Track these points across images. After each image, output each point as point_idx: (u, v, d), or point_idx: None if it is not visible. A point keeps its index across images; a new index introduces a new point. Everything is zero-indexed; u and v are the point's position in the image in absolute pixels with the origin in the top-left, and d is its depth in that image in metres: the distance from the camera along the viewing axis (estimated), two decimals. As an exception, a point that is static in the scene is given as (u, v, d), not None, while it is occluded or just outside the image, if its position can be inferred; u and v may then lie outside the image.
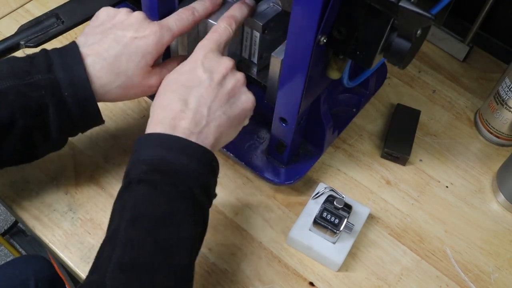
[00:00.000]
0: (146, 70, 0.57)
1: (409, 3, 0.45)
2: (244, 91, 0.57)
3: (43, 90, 0.53)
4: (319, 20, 0.48)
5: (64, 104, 0.54)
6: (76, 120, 0.56)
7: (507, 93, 0.71)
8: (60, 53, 0.55)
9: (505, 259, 0.67)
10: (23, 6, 0.84)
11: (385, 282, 0.64)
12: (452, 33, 0.85)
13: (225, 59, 0.56)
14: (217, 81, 0.55)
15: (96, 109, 0.56)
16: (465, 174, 0.74)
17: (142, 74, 0.57)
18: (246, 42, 0.64)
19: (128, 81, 0.57)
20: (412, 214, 0.69)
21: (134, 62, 0.56)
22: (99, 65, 0.55)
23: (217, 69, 0.55)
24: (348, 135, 0.75)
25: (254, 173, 0.69)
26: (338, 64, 0.56)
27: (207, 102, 0.54)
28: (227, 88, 0.55)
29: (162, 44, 0.57)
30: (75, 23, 0.70)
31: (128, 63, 0.56)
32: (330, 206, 0.62)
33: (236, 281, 0.62)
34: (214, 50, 0.56)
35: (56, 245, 0.63)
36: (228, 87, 0.55)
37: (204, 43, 0.57)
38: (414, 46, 0.50)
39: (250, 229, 0.66)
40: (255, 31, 0.61)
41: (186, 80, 0.55)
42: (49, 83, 0.53)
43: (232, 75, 0.56)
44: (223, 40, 0.58)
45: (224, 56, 0.57)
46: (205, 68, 0.55)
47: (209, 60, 0.56)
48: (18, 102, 0.53)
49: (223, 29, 0.58)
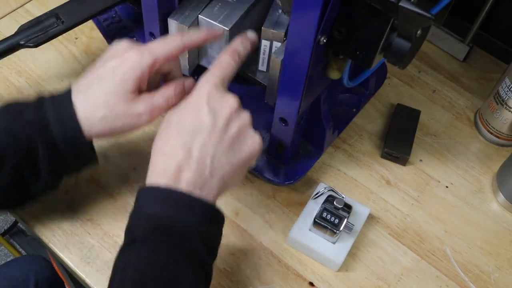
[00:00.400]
0: (128, 97, 0.54)
1: (409, 3, 0.45)
2: (250, 133, 0.54)
3: (32, 128, 0.53)
4: (319, 20, 0.49)
5: (52, 142, 0.53)
6: (66, 158, 0.54)
7: (507, 93, 0.71)
8: (52, 94, 0.55)
9: (505, 259, 0.67)
10: (23, 6, 0.84)
11: (385, 282, 0.64)
12: (452, 33, 0.85)
13: (230, 98, 0.54)
14: (221, 125, 0.52)
15: (85, 144, 0.55)
16: (465, 174, 0.74)
17: (124, 102, 0.54)
18: (264, 55, 0.63)
19: (110, 111, 0.54)
20: (412, 214, 0.69)
21: (113, 90, 0.54)
22: (82, 100, 0.54)
23: (221, 111, 0.52)
24: (348, 135, 0.75)
25: (254, 173, 0.69)
26: (338, 64, 0.56)
27: (211, 151, 0.51)
28: (232, 132, 0.52)
29: (141, 69, 0.54)
30: (75, 23, 0.70)
31: (107, 93, 0.53)
32: (330, 206, 0.62)
33: (236, 281, 0.62)
34: (219, 86, 0.54)
35: (56, 245, 0.63)
36: (233, 131, 0.52)
37: (208, 79, 0.54)
38: (414, 46, 0.50)
39: (250, 229, 0.66)
40: (275, 42, 0.61)
41: (190, 124, 0.52)
42: (38, 121, 0.53)
43: (237, 116, 0.53)
44: (227, 75, 0.55)
45: (229, 94, 0.54)
46: (209, 109, 0.52)
47: (213, 100, 0.53)
48: (8, 141, 0.52)
49: (227, 63, 0.55)
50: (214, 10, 0.64)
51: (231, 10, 0.64)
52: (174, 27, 0.64)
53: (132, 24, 0.81)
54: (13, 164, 0.53)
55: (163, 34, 0.67)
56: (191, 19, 0.63)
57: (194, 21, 0.64)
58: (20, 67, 0.77)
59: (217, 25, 0.63)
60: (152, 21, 0.66)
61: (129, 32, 0.80)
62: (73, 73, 0.77)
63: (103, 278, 0.61)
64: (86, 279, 0.61)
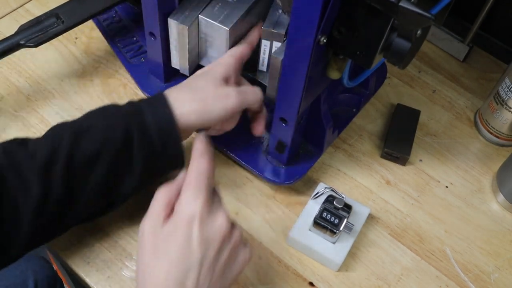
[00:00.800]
0: (217, 83, 0.60)
1: (409, 3, 0.45)
2: (241, 249, 0.51)
3: (129, 118, 0.55)
4: (319, 20, 0.48)
5: (148, 132, 0.54)
6: (159, 152, 0.55)
7: (507, 93, 0.71)
8: (146, 99, 0.58)
9: (505, 259, 0.67)
10: (23, 6, 0.84)
11: (385, 282, 0.64)
12: (452, 33, 0.85)
13: (221, 220, 0.49)
14: (213, 255, 0.48)
15: (177, 137, 0.56)
16: (465, 174, 0.74)
17: (213, 85, 0.59)
18: (264, 55, 0.63)
19: (201, 91, 0.59)
20: (412, 214, 0.69)
21: (204, 79, 0.60)
22: (175, 93, 0.58)
23: (214, 238, 0.49)
24: (348, 135, 0.75)
25: (254, 173, 0.69)
26: (338, 64, 0.56)
27: (205, 284, 0.48)
28: (224, 259, 0.49)
29: (228, 64, 0.62)
30: (75, 23, 0.70)
31: (198, 82, 0.60)
32: (330, 206, 0.62)
33: (236, 281, 0.62)
34: (209, 204, 0.49)
35: (56, 244, 0.63)
36: (225, 257, 0.49)
37: (192, 181, 0.50)
38: (414, 46, 0.50)
39: (250, 229, 0.66)
40: (275, 42, 0.61)
41: (180, 255, 0.48)
42: (134, 112, 0.55)
43: (229, 240, 0.50)
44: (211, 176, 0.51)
45: (220, 212, 0.50)
46: (200, 239, 0.48)
47: (204, 226, 0.48)
48: (106, 133, 0.53)
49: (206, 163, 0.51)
50: (214, 10, 0.64)
51: (231, 10, 0.64)
52: (174, 27, 0.64)
53: (132, 24, 0.81)
54: (110, 156, 0.53)
55: (163, 34, 0.67)
56: (191, 19, 0.63)
57: (194, 21, 0.64)
58: (20, 67, 0.77)
59: (217, 25, 0.63)
60: (152, 21, 0.66)
61: (129, 32, 0.80)
62: (73, 73, 0.77)
63: (103, 278, 0.61)
64: (86, 279, 0.61)
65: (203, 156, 0.51)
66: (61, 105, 0.74)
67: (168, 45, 0.68)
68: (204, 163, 0.51)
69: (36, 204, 0.51)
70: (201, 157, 0.51)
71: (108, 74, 0.77)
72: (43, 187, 0.51)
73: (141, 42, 0.79)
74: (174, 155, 0.57)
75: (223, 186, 0.69)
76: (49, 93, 0.75)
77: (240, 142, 0.70)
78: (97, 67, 0.78)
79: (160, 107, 0.56)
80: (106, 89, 0.76)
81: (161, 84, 0.74)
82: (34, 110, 0.73)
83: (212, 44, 0.66)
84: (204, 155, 0.51)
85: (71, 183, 0.53)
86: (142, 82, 0.74)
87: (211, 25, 0.63)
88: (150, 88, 0.74)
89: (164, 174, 0.59)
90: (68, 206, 0.54)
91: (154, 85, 0.74)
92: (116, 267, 0.62)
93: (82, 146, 0.53)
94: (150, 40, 0.69)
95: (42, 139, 0.54)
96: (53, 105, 0.74)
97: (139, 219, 0.65)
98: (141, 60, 0.77)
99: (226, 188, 0.69)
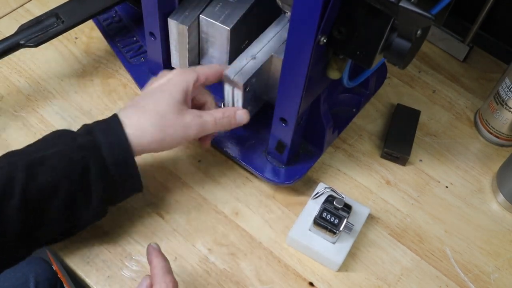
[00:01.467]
0: (177, 107, 0.58)
1: (409, 3, 0.45)
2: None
3: (86, 151, 0.54)
4: (319, 20, 0.48)
5: (104, 164, 0.54)
6: (116, 180, 0.56)
7: (507, 93, 0.71)
8: (98, 122, 0.57)
9: (505, 259, 0.67)
10: (23, 6, 0.84)
11: (385, 282, 0.64)
12: (452, 33, 0.85)
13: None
14: None
15: (133, 162, 0.56)
16: (465, 174, 0.74)
17: (173, 110, 0.57)
18: (228, 98, 0.63)
19: (161, 118, 0.57)
20: (412, 214, 0.69)
21: (163, 101, 0.58)
22: (131, 114, 0.57)
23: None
24: (348, 135, 0.75)
25: (254, 173, 0.69)
26: (338, 64, 0.56)
27: None
28: None
29: (187, 82, 0.59)
30: (75, 23, 0.70)
31: (157, 103, 0.58)
32: (330, 206, 0.62)
33: (235, 281, 0.62)
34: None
35: (56, 244, 0.62)
36: None
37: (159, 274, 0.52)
38: (414, 46, 0.50)
39: (250, 229, 0.66)
40: (236, 89, 0.61)
41: None
42: (90, 144, 0.54)
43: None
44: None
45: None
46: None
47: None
48: (62, 165, 0.53)
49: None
50: (215, 9, 0.64)
51: (232, 10, 0.64)
52: (174, 27, 0.64)
53: (132, 24, 0.81)
54: (67, 188, 0.53)
55: (163, 34, 0.67)
56: (191, 19, 0.63)
57: (194, 21, 0.64)
58: (20, 66, 0.77)
59: (218, 25, 0.63)
60: (152, 21, 0.66)
61: (129, 32, 0.80)
62: (73, 73, 0.77)
63: (103, 278, 0.61)
64: (86, 279, 0.61)
65: (158, 256, 0.54)
66: (61, 105, 0.74)
67: (168, 45, 0.68)
68: (163, 261, 0.53)
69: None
70: (157, 257, 0.54)
71: (108, 74, 0.77)
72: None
73: (141, 42, 0.79)
74: (131, 184, 0.58)
75: (223, 186, 0.69)
76: (49, 93, 0.75)
77: (240, 142, 0.70)
78: (97, 67, 0.78)
79: (116, 138, 0.55)
80: (106, 89, 0.76)
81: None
82: (34, 110, 0.73)
83: (213, 44, 0.66)
84: (158, 256, 0.54)
85: (28, 217, 0.52)
86: (142, 82, 0.74)
87: (212, 25, 0.63)
88: (150, 88, 0.74)
89: (123, 200, 0.60)
90: (26, 239, 0.54)
91: (154, 85, 0.74)
92: (116, 267, 0.62)
93: (38, 180, 0.52)
94: (150, 40, 0.69)
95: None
96: (53, 105, 0.74)
97: (139, 219, 0.66)
98: (141, 60, 0.77)
99: (226, 188, 0.69)
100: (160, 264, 0.53)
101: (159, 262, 0.53)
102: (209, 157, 0.71)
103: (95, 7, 0.72)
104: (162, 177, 0.69)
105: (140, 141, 0.56)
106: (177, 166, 0.70)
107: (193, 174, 0.70)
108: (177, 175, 0.69)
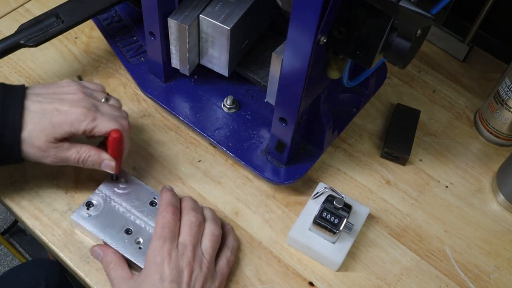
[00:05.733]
0: (51, 141, 0.58)
1: (409, 3, 0.45)
2: (223, 257, 0.61)
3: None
4: (319, 20, 0.48)
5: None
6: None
7: (507, 93, 0.71)
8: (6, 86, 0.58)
9: (505, 259, 0.67)
10: (23, 6, 0.84)
11: (384, 282, 0.64)
12: (452, 33, 0.85)
13: (188, 254, 0.57)
14: (187, 283, 0.55)
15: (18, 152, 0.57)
16: (465, 174, 0.74)
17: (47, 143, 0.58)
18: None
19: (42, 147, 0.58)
20: (411, 214, 0.69)
21: (44, 129, 0.57)
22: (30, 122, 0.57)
23: (182, 270, 0.56)
24: (348, 135, 0.75)
25: (254, 173, 0.69)
26: (338, 64, 0.56)
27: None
28: (201, 279, 0.56)
29: (78, 129, 0.59)
30: (75, 23, 0.70)
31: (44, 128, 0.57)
32: (330, 206, 0.62)
33: (236, 281, 0.62)
34: (170, 249, 0.56)
35: (56, 244, 0.63)
36: (201, 278, 0.57)
37: (158, 232, 0.57)
38: (414, 46, 0.50)
39: (250, 229, 0.66)
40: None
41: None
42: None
43: (199, 267, 0.57)
44: None
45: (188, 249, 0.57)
46: (172, 277, 0.55)
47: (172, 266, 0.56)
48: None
49: None
50: (215, 9, 0.64)
51: (232, 10, 0.64)
52: (174, 27, 0.64)
53: (132, 24, 0.81)
54: None
55: (163, 34, 0.67)
56: (191, 19, 0.63)
57: (194, 20, 0.64)
58: (20, 66, 0.77)
59: (218, 25, 0.63)
60: (152, 20, 0.66)
61: (129, 32, 0.80)
62: (73, 73, 0.77)
63: (103, 277, 0.61)
64: (85, 279, 0.61)
65: (166, 210, 0.59)
66: (61, 105, 0.74)
67: (168, 45, 0.68)
68: (167, 217, 0.58)
69: None
70: (165, 210, 0.59)
71: (108, 73, 0.77)
72: None
73: (141, 42, 0.79)
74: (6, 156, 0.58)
75: (223, 186, 0.69)
76: (49, 92, 0.75)
77: (240, 142, 0.70)
78: (97, 67, 0.78)
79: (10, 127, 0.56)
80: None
81: (161, 83, 0.74)
82: (34, 109, 0.73)
83: (213, 44, 0.66)
84: (167, 208, 0.59)
85: None
86: (142, 81, 0.74)
87: (212, 25, 0.63)
88: (150, 87, 0.74)
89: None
90: None
91: (154, 85, 0.74)
92: (116, 266, 0.62)
93: None
94: (150, 40, 0.69)
95: None
96: (53, 105, 0.73)
97: (139, 219, 0.65)
98: (141, 59, 0.77)
99: (226, 188, 0.69)
100: (163, 221, 0.58)
101: (163, 218, 0.58)
102: (209, 157, 0.71)
103: (95, 7, 0.72)
104: (162, 177, 0.69)
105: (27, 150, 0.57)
106: (177, 166, 0.70)
107: (193, 174, 0.70)
108: (177, 175, 0.69)
